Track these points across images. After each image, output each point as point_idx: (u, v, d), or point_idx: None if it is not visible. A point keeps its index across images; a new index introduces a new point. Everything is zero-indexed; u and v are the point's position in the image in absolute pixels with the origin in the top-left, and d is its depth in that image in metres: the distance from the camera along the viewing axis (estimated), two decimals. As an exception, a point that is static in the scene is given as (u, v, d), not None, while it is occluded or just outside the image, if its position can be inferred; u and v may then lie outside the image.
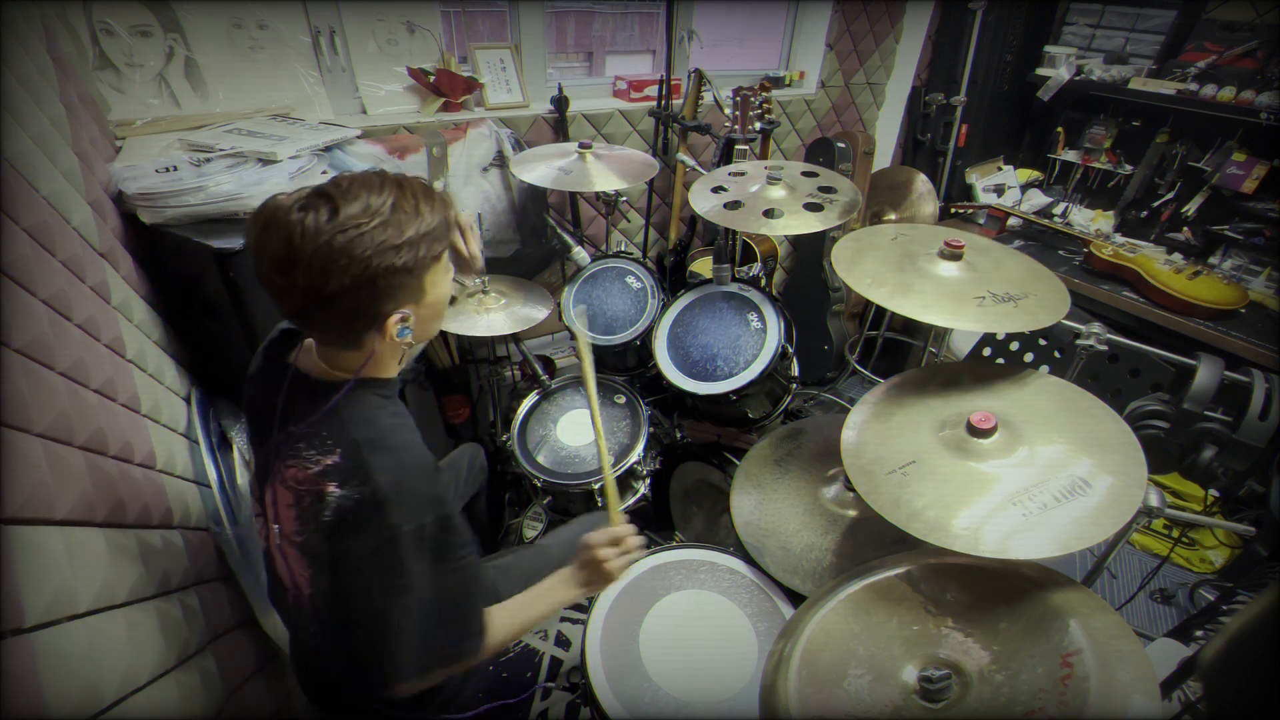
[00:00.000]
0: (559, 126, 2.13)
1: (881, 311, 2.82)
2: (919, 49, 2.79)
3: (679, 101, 2.30)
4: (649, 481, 1.68)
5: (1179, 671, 0.96)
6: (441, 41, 1.92)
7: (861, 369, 2.77)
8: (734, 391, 1.50)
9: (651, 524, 1.86)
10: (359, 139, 1.70)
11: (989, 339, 2.01)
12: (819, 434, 1.42)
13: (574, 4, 2.33)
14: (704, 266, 2.33)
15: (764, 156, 2.37)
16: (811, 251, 2.67)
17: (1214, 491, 1.93)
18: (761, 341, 1.55)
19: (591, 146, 1.76)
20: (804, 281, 2.73)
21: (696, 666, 1.03)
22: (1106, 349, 1.32)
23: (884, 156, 3.00)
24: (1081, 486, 0.83)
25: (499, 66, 2.05)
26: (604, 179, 1.69)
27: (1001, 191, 2.85)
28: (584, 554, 0.98)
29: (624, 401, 1.75)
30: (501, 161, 1.97)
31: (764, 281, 2.43)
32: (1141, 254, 2.30)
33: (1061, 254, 2.51)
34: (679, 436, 1.89)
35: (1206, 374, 1.24)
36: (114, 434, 0.87)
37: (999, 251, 1.19)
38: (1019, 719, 0.67)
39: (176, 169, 1.29)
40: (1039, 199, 2.83)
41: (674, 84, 2.26)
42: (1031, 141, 3.00)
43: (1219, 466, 1.22)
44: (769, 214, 1.42)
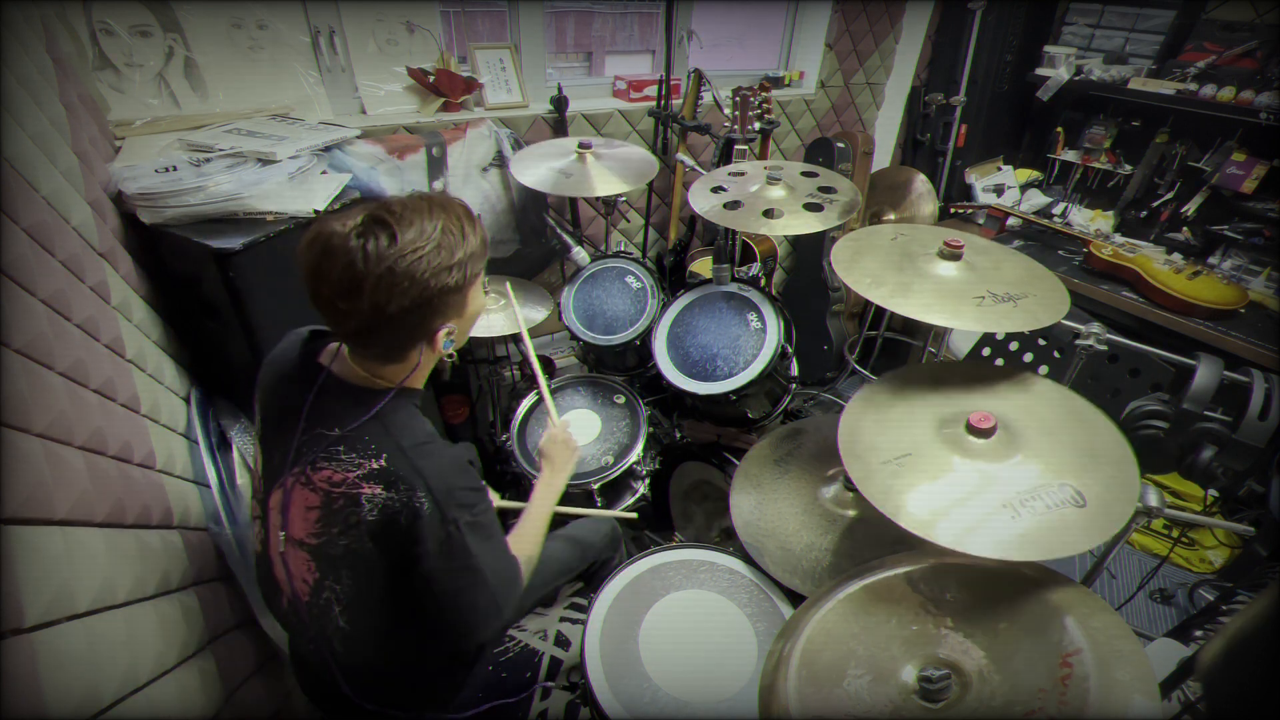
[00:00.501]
0: (558, 126, 2.13)
1: (881, 311, 2.82)
2: (919, 49, 2.79)
3: (678, 101, 2.30)
4: (649, 481, 1.68)
5: (1178, 671, 0.96)
6: (441, 41, 1.92)
7: (861, 369, 2.77)
8: (734, 391, 1.50)
9: (651, 524, 1.85)
10: (359, 139, 1.70)
11: (988, 339, 2.01)
12: (818, 434, 1.42)
13: (573, 4, 2.32)
14: (704, 266, 2.33)
15: (763, 156, 2.37)
16: (811, 251, 2.67)
17: (1214, 491, 1.93)
18: (761, 341, 1.55)
19: (591, 147, 1.75)
20: (804, 281, 2.73)
21: (696, 666, 1.03)
22: (1106, 349, 1.32)
23: (883, 156, 3.00)
24: (1075, 497, 0.83)
25: (498, 66, 2.05)
26: (604, 182, 1.68)
27: (1001, 191, 2.85)
28: (549, 447, 1.26)
29: (624, 401, 1.75)
30: (501, 161, 1.97)
31: (764, 281, 2.42)
32: (1141, 254, 2.30)
33: (1061, 254, 2.51)
34: (679, 436, 1.89)
35: (1206, 374, 1.24)
36: (114, 434, 0.87)
37: (998, 251, 1.19)
38: (1019, 719, 0.67)
39: (176, 169, 1.29)
40: (1038, 199, 2.83)
41: (673, 84, 2.26)
42: (1031, 141, 3.00)
43: (1219, 466, 1.22)
44: (768, 214, 1.42)
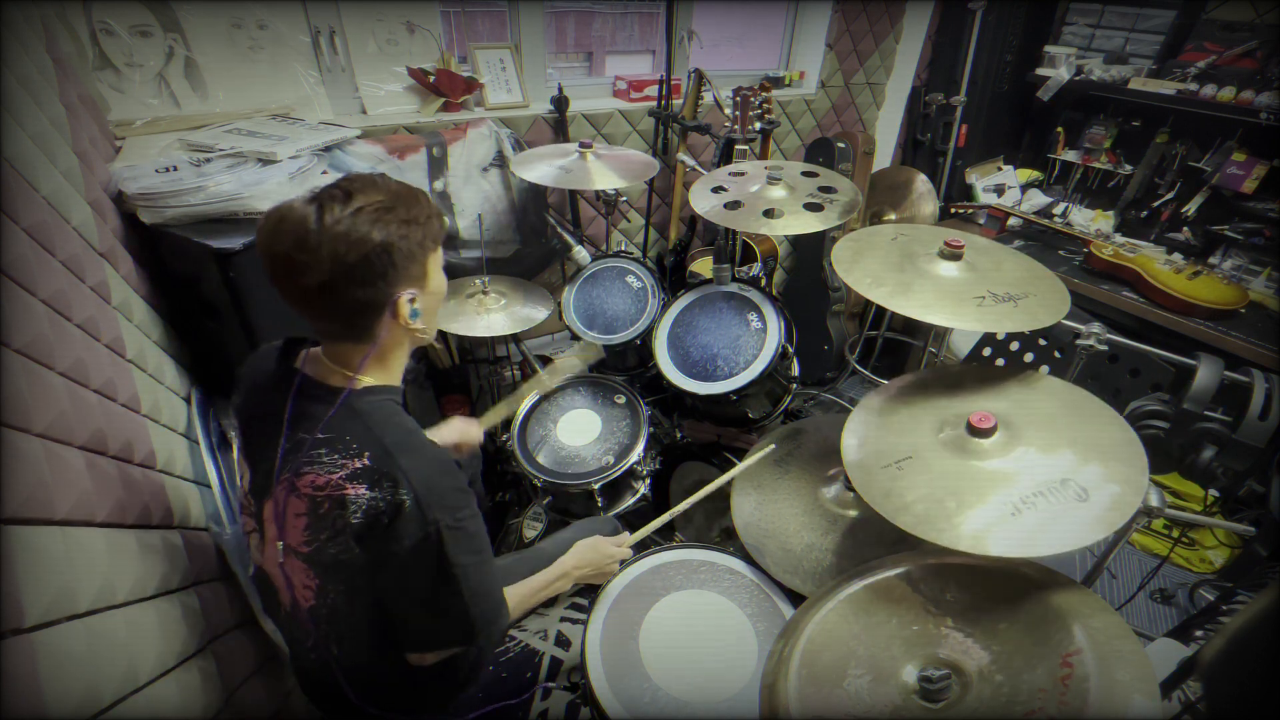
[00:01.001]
0: (559, 126, 2.13)
1: (881, 311, 2.82)
2: (919, 49, 2.79)
3: (679, 101, 2.30)
4: (649, 481, 1.68)
5: (1179, 671, 0.96)
6: (441, 41, 1.92)
7: (861, 369, 2.77)
8: (734, 391, 1.50)
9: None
10: (359, 139, 1.70)
11: (989, 339, 2.01)
12: (819, 434, 1.42)
13: (574, 4, 2.33)
14: (704, 266, 2.33)
15: (764, 156, 2.37)
16: (811, 251, 2.67)
17: (1214, 491, 1.93)
18: (761, 341, 1.55)
19: (592, 146, 1.76)
20: (804, 281, 2.73)
21: (696, 666, 1.03)
22: (1106, 349, 1.32)
23: (884, 156, 3.00)
24: (1079, 492, 0.83)
25: (499, 66, 2.06)
26: (604, 178, 1.69)
27: (1001, 191, 2.85)
28: (596, 554, 1.15)
29: (624, 401, 1.75)
30: (501, 161, 1.97)
31: (764, 281, 2.43)
32: (1141, 254, 2.30)
33: (1061, 254, 2.51)
34: (679, 436, 1.89)
35: (1206, 374, 1.24)
36: (114, 434, 0.87)
37: (999, 251, 1.19)
38: (1019, 719, 0.67)
39: (176, 169, 1.29)
40: (1039, 199, 2.83)
41: (674, 84, 2.26)
42: (1031, 141, 3.00)
43: (1219, 466, 1.22)
44: (769, 214, 1.42)
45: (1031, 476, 0.86)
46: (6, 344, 0.69)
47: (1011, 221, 2.70)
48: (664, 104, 2.27)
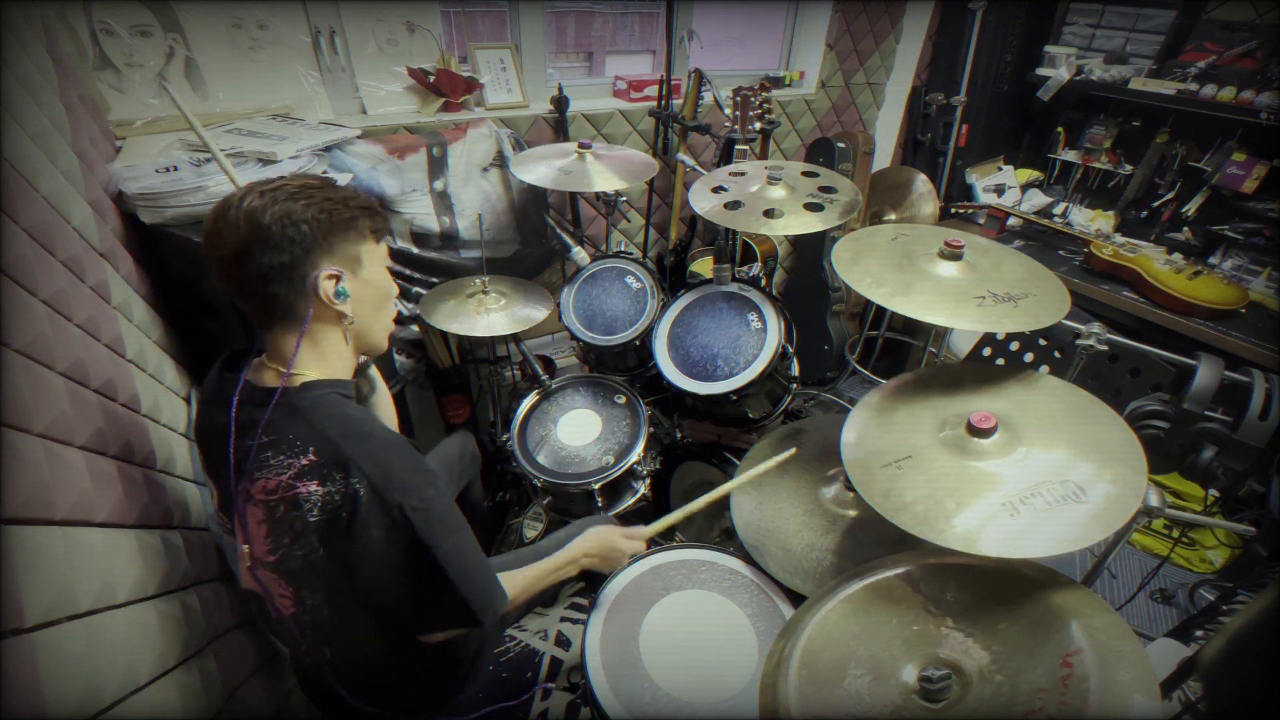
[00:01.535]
0: (559, 126, 2.13)
1: (881, 311, 2.82)
2: (919, 49, 2.79)
3: (679, 101, 2.30)
4: (649, 481, 1.68)
5: (1179, 671, 0.96)
6: (441, 41, 1.92)
7: (861, 369, 2.77)
8: (734, 391, 1.50)
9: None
10: (359, 139, 1.70)
11: (989, 339, 2.01)
12: (819, 434, 1.42)
13: (574, 4, 2.33)
14: (704, 266, 2.33)
15: (764, 156, 2.37)
16: (811, 251, 2.67)
17: (1214, 491, 1.93)
18: (761, 341, 1.55)
19: (591, 147, 1.76)
20: (804, 281, 2.73)
21: (696, 666, 1.03)
22: (1106, 349, 1.32)
23: (884, 156, 3.00)
24: (1077, 492, 0.83)
25: (499, 66, 2.06)
26: (604, 179, 1.69)
27: (1001, 191, 2.85)
28: (605, 544, 1.14)
29: (624, 401, 1.75)
30: (501, 161, 1.97)
31: (764, 281, 2.43)
32: (1141, 254, 2.30)
33: (1061, 254, 2.52)
34: (679, 436, 1.89)
35: (1206, 374, 1.24)
36: (114, 434, 0.87)
37: (999, 251, 1.19)
38: (1019, 719, 0.67)
39: (176, 169, 1.29)
40: (1039, 199, 2.83)
41: (674, 84, 2.26)
42: (1031, 141, 3.00)
43: (1219, 466, 1.22)
44: (769, 214, 1.42)
45: (1031, 476, 0.86)
46: (6, 344, 0.69)
47: (1011, 221, 2.70)
48: (664, 104, 2.27)
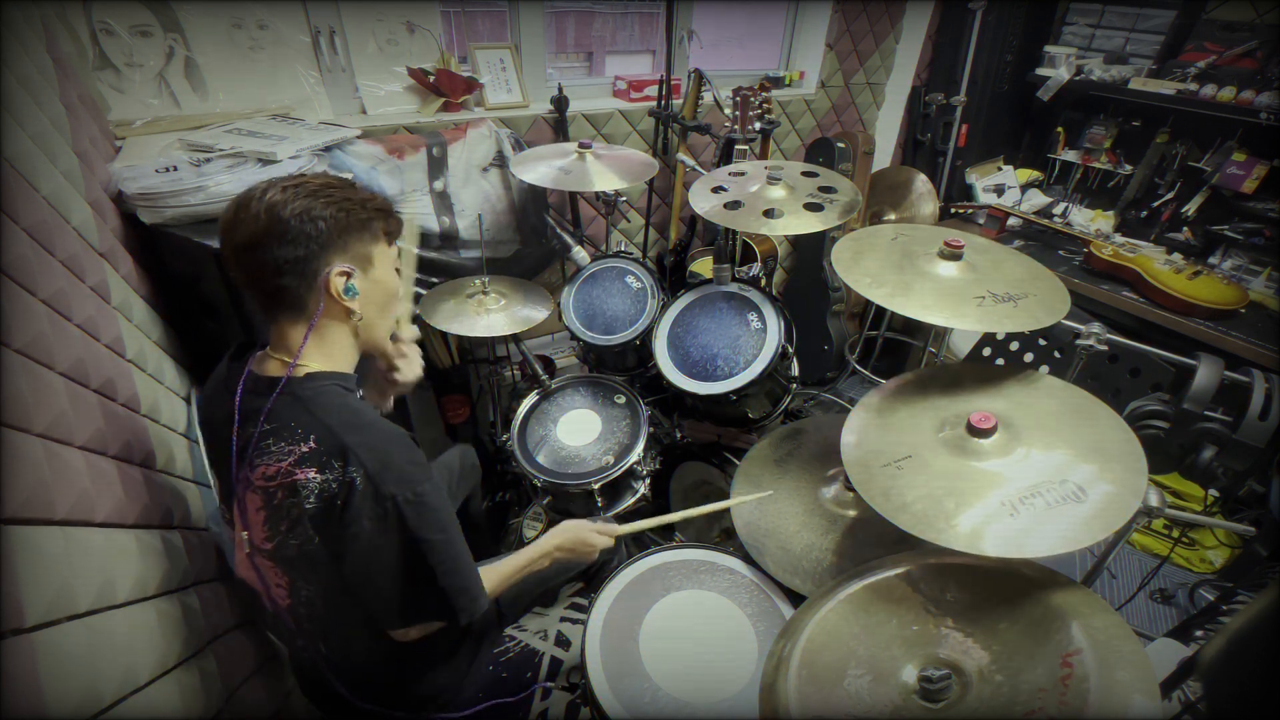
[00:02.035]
0: (559, 126, 2.13)
1: (881, 311, 2.82)
2: (919, 49, 2.79)
3: (679, 101, 2.30)
4: (649, 481, 1.68)
5: (1179, 671, 0.96)
6: (441, 41, 1.92)
7: (861, 369, 2.77)
8: (734, 391, 1.50)
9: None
10: (359, 139, 1.70)
11: (989, 339, 2.01)
12: (819, 434, 1.42)
13: (574, 4, 2.33)
14: (704, 266, 2.33)
15: (764, 156, 2.37)
16: (811, 251, 2.67)
17: (1214, 491, 1.93)
18: (761, 341, 1.55)
19: (591, 146, 1.76)
20: (804, 281, 2.73)
21: (696, 666, 1.03)
22: (1106, 349, 1.32)
23: (884, 156, 3.00)
24: (1077, 493, 0.83)
25: (499, 66, 2.06)
26: (604, 179, 1.69)
27: (1001, 191, 2.85)
28: (576, 538, 1.14)
29: (624, 401, 1.75)
30: (501, 161, 1.97)
31: (764, 281, 2.42)
32: (1141, 254, 2.30)
33: (1061, 254, 2.52)
34: (679, 436, 1.89)
35: (1206, 374, 1.24)
36: (114, 434, 0.87)
37: (999, 251, 1.18)
38: (1019, 719, 0.67)
39: (176, 169, 1.29)
40: (1039, 199, 2.83)
41: (674, 84, 2.26)
42: (1031, 141, 3.00)
43: (1219, 466, 1.22)
44: (769, 214, 1.42)
45: (1031, 476, 0.86)
46: (6, 344, 0.69)
47: (1011, 221, 2.70)
48: (664, 104, 2.27)
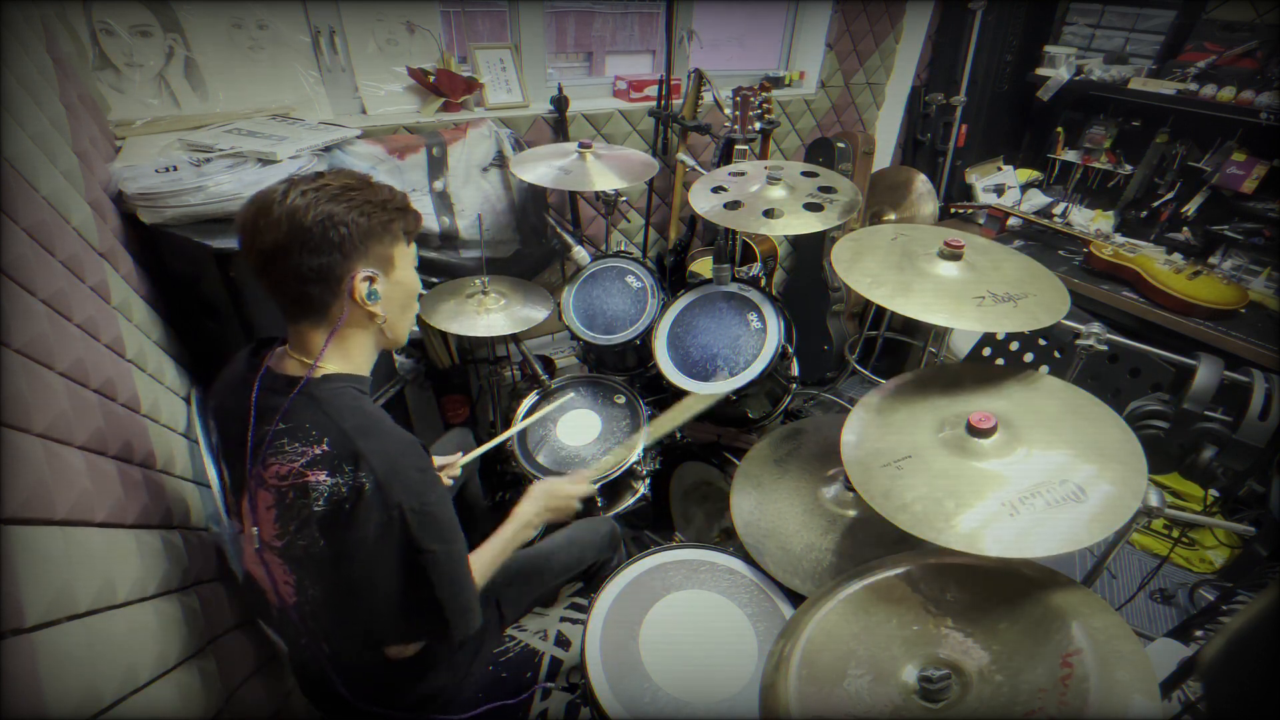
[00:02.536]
0: (559, 126, 2.13)
1: (881, 311, 2.82)
2: (919, 49, 2.79)
3: (679, 101, 2.30)
4: (649, 481, 1.68)
5: (1179, 671, 0.96)
6: (441, 41, 1.92)
7: (861, 369, 2.77)
8: (734, 391, 1.50)
9: (651, 524, 1.85)
10: (359, 139, 1.70)
11: (989, 339, 2.01)
12: (819, 434, 1.42)
13: (574, 4, 2.33)
14: (704, 266, 2.33)
15: (764, 156, 2.37)
16: (811, 251, 2.67)
17: (1214, 491, 1.93)
18: (761, 341, 1.55)
19: (591, 146, 1.76)
20: (804, 281, 2.73)
21: (696, 666, 1.03)
22: (1106, 349, 1.32)
23: (884, 156, 3.00)
24: (1077, 493, 0.83)
25: (499, 66, 2.06)
26: (604, 178, 1.69)
27: (1001, 191, 2.85)
28: (551, 494, 1.19)
29: (624, 401, 1.75)
30: (501, 161, 1.97)
31: (764, 281, 2.43)
32: (1141, 254, 2.30)
33: (1061, 254, 2.51)
34: (679, 436, 1.89)
35: (1206, 374, 1.24)
36: (114, 434, 0.87)
37: (999, 251, 1.19)
38: (1019, 719, 0.67)
39: (176, 169, 1.29)
40: (1039, 199, 2.83)
41: (674, 84, 2.26)
42: (1031, 141, 3.00)
43: (1219, 466, 1.22)
44: (769, 214, 1.42)
45: (1030, 476, 0.86)
46: (6, 344, 0.69)
47: (1011, 221, 2.70)
48: (664, 104, 2.27)
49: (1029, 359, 1.91)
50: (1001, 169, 2.94)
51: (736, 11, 2.63)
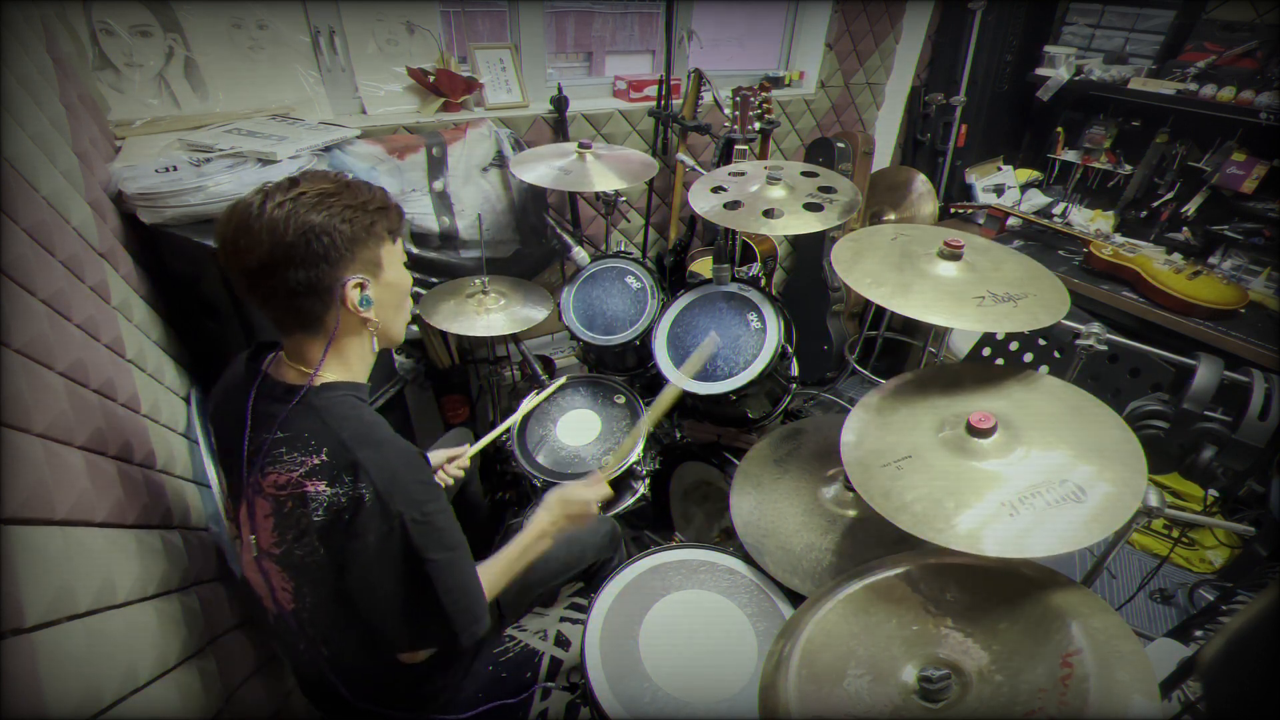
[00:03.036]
0: (559, 126, 2.13)
1: (881, 311, 2.82)
2: (919, 49, 2.79)
3: (679, 101, 2.30)
4: (649, 481, 1.68)
5: (1179, 671, 0.96)
6: (441, 41, 1.92)
7: (861, 369, 2.77)
8: (734, 391, 1.50)
9: (651, 524, 1.85)
10: (358, 139, 1.70)
11: (988, 339, 2.01)
12: (818, 434, 1.42)
13: (573, 4, 2.32)
14: (704, 266, 2.33)
15: (763, 156, 2.37)
16: (811, 251, 2.67)
17: (1214, 491, 1.93)
18: (761, 341, 1.55)
19: (591, 146, 1.76)
20: (804, 281, 2.74)
21: (696, 666, 1.03)
22: (1106, 349, 1.32)
23: (884, 156, 3.00)
24: (1076, 493, 0.83)
25: (499, 66, 2.06)
26: (603, 178, 1.69)
27: (1001, 191, 2.85)
28: (570, 500, 1.13)
29: (624, 401, 1.75)
30: (501, 161, 1.97)
31: (764, 281, 2.43)
32: (1141, 254, 2.30)
33: (1061, 254, 2.51)
34: (679, 436, 1.89)
35: (1206, 374, 1.24)
36: (114, 434, 0.87)
37: (999, 251, 1.18)
38: (1019, 719, 0.67)
39: (176, 169, 1.29)
40: (1038, 199, 2.83)
41: (674, 84, 2.26)
42: (1031, 141, 3.00)
43: (1219, 466, 1.22)
44: (769, 214, 1.42)
45: (1030, 476, 0.86)
46: (6, 344, 0.69)
47: (1011, 221, 2.70)
48: (664, 104, 2.27)
49: (1029, 359, 1.91)
50: (1001, 169, 2.94)
51: (736, 11, 2.63)
